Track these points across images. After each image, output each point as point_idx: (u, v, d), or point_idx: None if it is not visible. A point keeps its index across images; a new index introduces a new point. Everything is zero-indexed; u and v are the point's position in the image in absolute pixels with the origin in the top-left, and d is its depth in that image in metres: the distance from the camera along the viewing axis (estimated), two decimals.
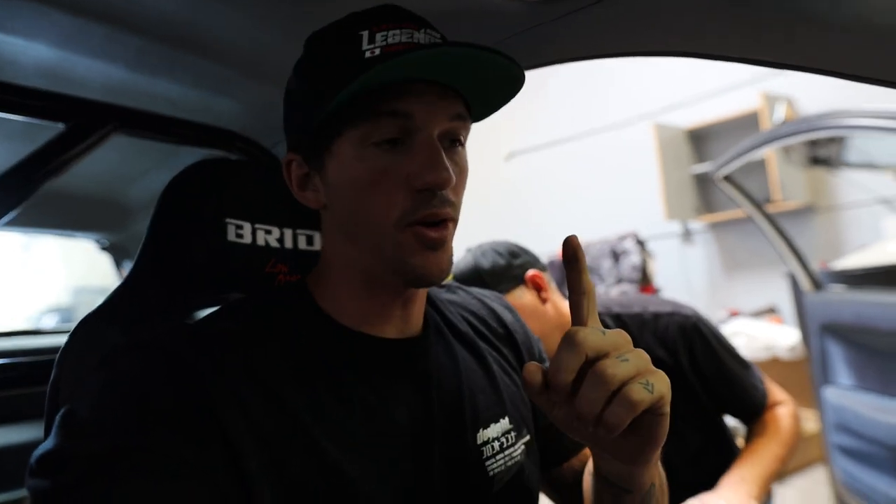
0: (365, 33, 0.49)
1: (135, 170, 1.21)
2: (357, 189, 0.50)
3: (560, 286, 3.23)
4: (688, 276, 3.71)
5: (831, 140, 2.33)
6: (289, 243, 0.70)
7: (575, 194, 4.20)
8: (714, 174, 1.62)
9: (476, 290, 0.74)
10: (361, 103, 0.48)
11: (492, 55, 0.47)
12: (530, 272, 1.04)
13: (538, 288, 1.03)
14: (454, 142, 0.52)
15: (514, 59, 0.48)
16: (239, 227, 0.66)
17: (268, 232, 0.69)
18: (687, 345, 1.02)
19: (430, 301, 0.63)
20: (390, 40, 0.48)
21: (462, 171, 0.53)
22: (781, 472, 1.01)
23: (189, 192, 0.62)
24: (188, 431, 0.41)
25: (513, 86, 0.52)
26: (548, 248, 3.68)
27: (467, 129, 0.54)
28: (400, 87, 0.48)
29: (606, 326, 1.11)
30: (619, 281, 3.07)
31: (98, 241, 1.53)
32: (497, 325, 0.69)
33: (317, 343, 0.52)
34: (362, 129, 0.48)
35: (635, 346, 1.12)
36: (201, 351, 0.46)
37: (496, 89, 0.53)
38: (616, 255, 3.10)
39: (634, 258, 3.03)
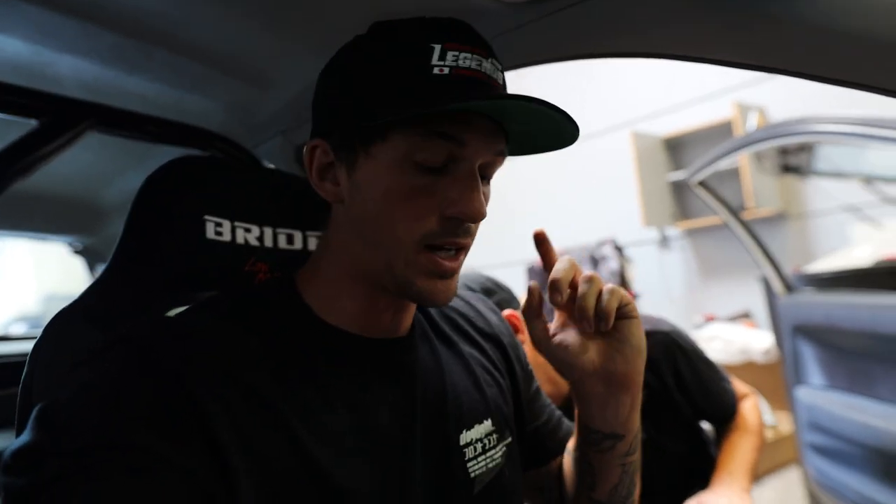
0: (437, 47, 0.48)
1: (110, 170, 1.19)
2: (389, 200, 0.49)
3: (541, 290, 3.23)
4: (665, 282, 3.77)
5: (801, 148, 2.40)
6: (269, 242, 0.70)
7: (555, 202, 4.24)
8: (689, 180, 1.65)
9: (461, 292, 0.74)
10: (417, 118, 0.47)
11: (562, 117, 0.48)
12: (506, 312, 0.98)
13: (514, 329, 0.96)
14: (485, 177, 0.53)
15: (576, 124, 0.50)
16: (218, 224, 0.65)
17: (247, 230, 0.68)
18: (671, 364, 1.02)
19: None
20: (461, 63, 0.48)
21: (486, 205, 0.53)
22: (759, 459, 1.04)
23: (167, 187, 0.61)
24: (168, 428, 0.41)
25: (562, 143, 0.54)
26: (529, 256, 3.70)
27: (500, 167, 0.54)
28: (457, 113, 0.48)
29: None
30: None
31: (71, 245, 1.49)
32: (483, 325, 0.69)
33: (300, 340, 0.51)
34: (411, 144, 0.48)
35: None
36: (181, 347, 0.45)
37: (544, 142, 0.54)
38: (595, 261, 3.14)
39: (613, 264, 3.07)
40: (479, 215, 0.49)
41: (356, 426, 0.50)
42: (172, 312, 0.57)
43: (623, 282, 3.10)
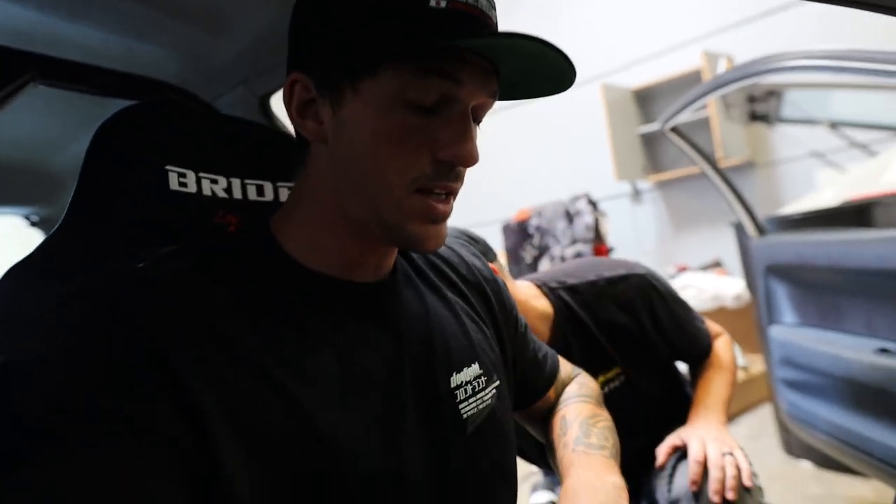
0: None
1: (62, 134, 1.12)
2: (378, 141, 0.46)
3: (516, 249, 3.23)
4: (638, 235, 3.83)
5: (769, 94, 2.42)
6: (237, 193, 0.66)
7: (528, 159, 4.23)
8: (663, 126, 1.64)
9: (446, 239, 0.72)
10: (411, 54, 0.44)
11: (562, 59, 0.46)
12: None
13: None
14: (476, 119, 0.51)
15: (574, 68, 0.47)
16: (182, 175, 0.61)
17: (213, 181, 0.64)
18: (647, 305, 1.02)
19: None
20: None
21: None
22: (733, 394, 1.07)
23: (124, 135, 0.57)
24: (137, 388, 0.38)
25: (558, 87, 0.51)
26: (503, 214, 3.70)
27: (490, 109, 0.52)
28: (454, 51, 0.45)
29: (562, 300, 1.07)
30: (574, 241, 3.13)
31: (27, 217, 1.42)
32: (467, 273, 0.68)
33: (276, 286, 0.49)
34: (403, 81, 0.45)
35: (595, 313, 1.12)
36: (149, 297, 0.42)
37: (538, 86, 0.51)
38: (570, 216, 3.15)
39: (587, 218, 3.08)
40: (472, 159, 0.48)
41: (341, 371, 0.48)
42: None
43: (597, 236, 3.13)
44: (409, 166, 0.47)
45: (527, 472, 1.88)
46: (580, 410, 0.71)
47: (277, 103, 0.94)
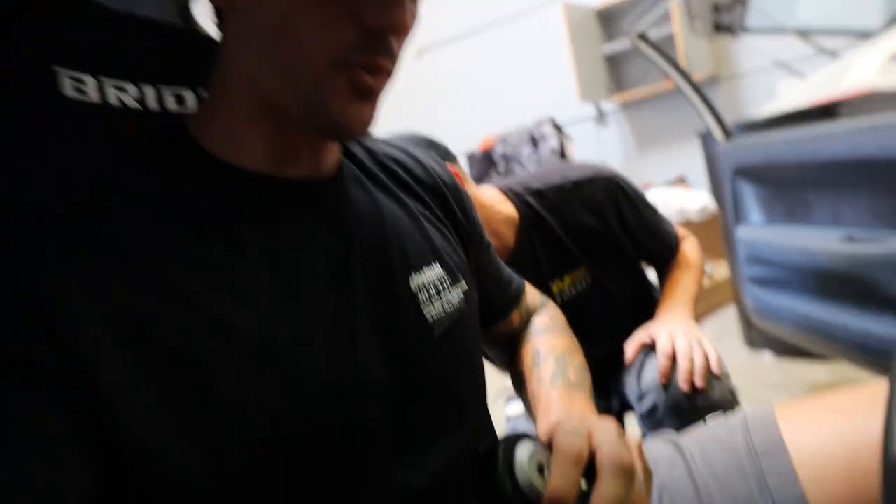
0: None
1: None
2: (292, 7, 0.39)
3: (482, 178, 3.20)
4: (603, 156, 3.80)
5: (735, 2, 2.33)
6: (153, 103, 0.58)
7: (490, 86, 4.10)
8: (629, 33, 1.57)
9: (400, 142, 0.66)
10: None
11: None
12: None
13: None
14: None
15: None
16: (78, 80, 0.52)
17: (121, 89, 0.56)
18: (614, 206, 1.01)
19: (344, 149, 0.55)
20: None
21: (413, 23, 0.44)
22: (700, 293, 1.08)
23: None
24: (6, 324, 0.33)
25: None
26: (468, 145, 3.61)
27: None
28: None
29: (527, 205, 1.04)
30: (540, 165, 3.09)
31: None
32: (423, 175, 0.62)
33: (193, 186, 0.42)
34: None
35: (562, 216, 1.08)
36: (25, 218, 0.36)
37: None
38: (535, 141, 3.09)
39: (553, 142, 3.03)
40: (402, 27, 0.41)
41: (287, 282, 0.43)
42: None
43: (563, 158, 3.09)
44: (330, 35, 0.39)
45: (500, 387, 1.91)
46: (554, 345, 0.68)
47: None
